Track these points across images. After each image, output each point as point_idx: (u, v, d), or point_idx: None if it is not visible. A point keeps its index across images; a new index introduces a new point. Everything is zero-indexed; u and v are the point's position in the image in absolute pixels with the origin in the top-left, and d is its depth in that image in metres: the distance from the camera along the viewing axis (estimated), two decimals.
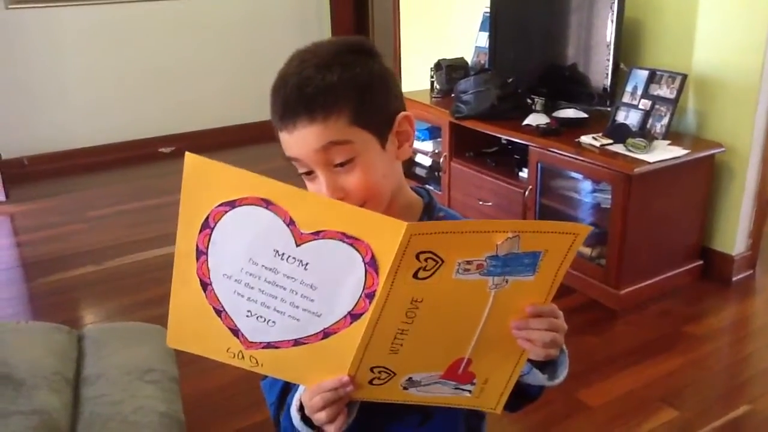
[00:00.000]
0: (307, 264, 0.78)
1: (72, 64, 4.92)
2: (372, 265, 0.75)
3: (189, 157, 0.77)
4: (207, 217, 0.79)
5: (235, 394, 2.39)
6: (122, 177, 4.84)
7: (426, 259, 0.74)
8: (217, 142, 5.14)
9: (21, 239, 3.88)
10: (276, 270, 0.79)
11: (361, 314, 0.78)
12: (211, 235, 0.79)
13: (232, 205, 0.77)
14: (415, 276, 0.75)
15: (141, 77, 5.15)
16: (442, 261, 0.74)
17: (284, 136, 0.89)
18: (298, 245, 0.77)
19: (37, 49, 4.78)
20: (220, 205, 0.78)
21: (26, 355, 1.66)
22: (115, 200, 4.36)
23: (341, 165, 0.88)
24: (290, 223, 0.76)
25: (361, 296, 0.77)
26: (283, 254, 0.78)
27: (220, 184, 0.77)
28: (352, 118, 0.86)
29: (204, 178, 0.77)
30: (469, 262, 0.75)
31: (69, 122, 4.98)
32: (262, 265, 0.79)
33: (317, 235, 0.76)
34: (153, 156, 5.11)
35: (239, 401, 2.36)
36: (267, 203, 0.76)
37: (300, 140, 0.87)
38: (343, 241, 0.75)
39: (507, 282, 0.78)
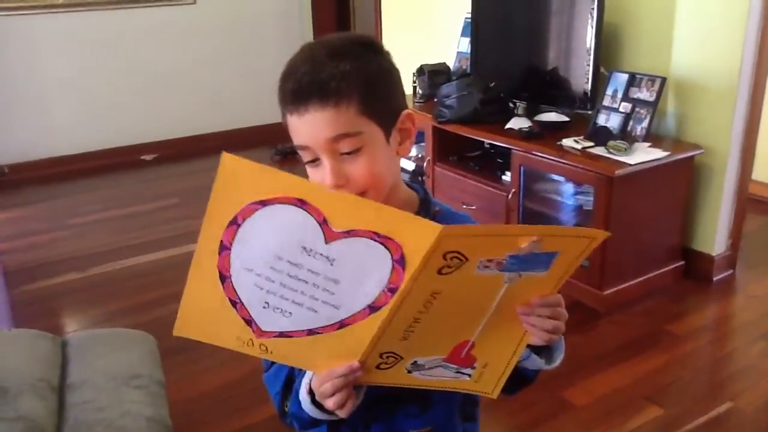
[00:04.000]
0: (333, 260, 0.78)
1: (53, 71, 4.89)
2: (400, 262, 0.76)
3: (226, 157, 0.75)
4: (236, 215, 0.78)
5: (222, 399, 2.38)
6: (104, 184, 4.81)
7: (452, 258, 0.75)
8: (200, 150, 5.10)
9: (2, 247, 3.84)
10: (301, 265, 0.78)
11: (381, 307, 0.79)
12: (237, 231, 0.79)
13: (264, 203, 0.77)
14: (438, 272, 0.76)
15: (122, 84, 5.13)
16: (467, 259, 0.76)
17: (294, 120, 0.90)
18: (327, 242, 0.77)
19: (18, 56, 4.75)
20: (251, 204, 0.77)
21: (10, 362, 1.65)
22: (98, 208, 4.32)
23: (348, 153, 0.89)
24: (323, 222, 0.76)
25: (383, 290, 0.78)
26: (311, 250, 0.77)
27: (255, 185, 0.77)
28: (362, 108, 0.88)
29: (239, 178, 0.77)
30: (490, 260, 0.77)
31: (49, 130, 4.95)
32: (288, 261, 0.79)
33: (348, 233, 0.76)
34: (135, 163, 5.09)
35: (226, 406, 2.35)
36: (302, 203, 0.76)
37: (310, 125, 0.88)
38: (374, 240, 0.76)
39: (520, 276, 0.80)
